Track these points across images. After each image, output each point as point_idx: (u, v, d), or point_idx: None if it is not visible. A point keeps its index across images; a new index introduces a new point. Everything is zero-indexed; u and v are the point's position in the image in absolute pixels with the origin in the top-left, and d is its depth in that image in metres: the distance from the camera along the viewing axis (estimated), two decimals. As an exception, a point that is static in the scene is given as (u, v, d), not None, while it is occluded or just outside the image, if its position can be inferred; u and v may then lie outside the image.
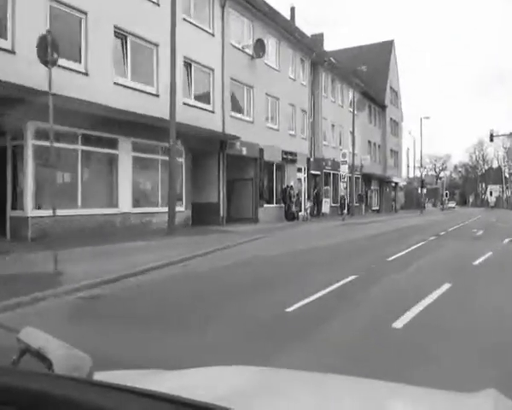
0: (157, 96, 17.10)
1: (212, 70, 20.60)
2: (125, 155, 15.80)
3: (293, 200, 26.47)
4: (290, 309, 5.63)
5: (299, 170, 29.63)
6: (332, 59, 39.99)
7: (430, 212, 60.94)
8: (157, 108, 16.25)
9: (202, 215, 20.32)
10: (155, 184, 17.56)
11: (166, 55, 15.44)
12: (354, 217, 33.48)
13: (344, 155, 27.38)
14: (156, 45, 17.05)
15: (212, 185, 21.14)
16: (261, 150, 24.32)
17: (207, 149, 20.40)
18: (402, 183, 77.38)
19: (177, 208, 18.46)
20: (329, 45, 52.83)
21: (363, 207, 43.05)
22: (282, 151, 26.68)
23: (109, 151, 15.35)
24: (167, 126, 15.00)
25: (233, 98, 22.42)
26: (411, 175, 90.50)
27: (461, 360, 3.88)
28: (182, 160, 18.77)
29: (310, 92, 31.12)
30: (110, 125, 14.51)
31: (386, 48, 52.66)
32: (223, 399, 0.97)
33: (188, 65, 19.18)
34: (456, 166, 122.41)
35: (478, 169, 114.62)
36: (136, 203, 16.40)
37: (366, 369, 3.46)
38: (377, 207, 48.54)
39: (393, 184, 54.87)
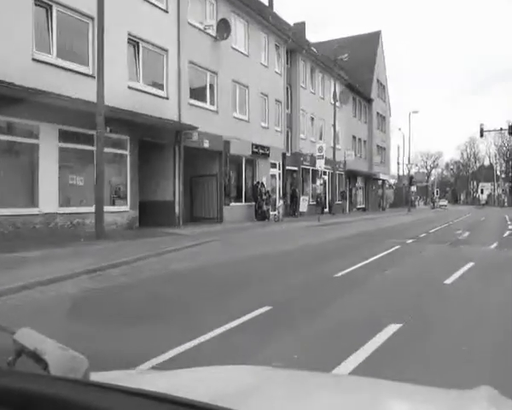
0: (92, 77, 14.73)
1: (166, 51, 18.25)
2: (49, 145, 13.42)
3: (264, 198, 24.19)
4: (142, 366, 3.44)
5: (274, 166, 27.35)
6: (313, 49, 37.79)
7: (420, 210, 58.98)
8: (89, 90, 13.88)
9: (155, 215, 18.01)
10: (91, 181, 15.21)
11: (106, 30, 13.03)
12: (335, 216, 31.30)
13: (320, 149, 25.16)
14: (91, 18, 14.67)
15: (167, 181, 18.80)
16: (226, 143, 22.02)
17: (160, 140, 18.06)
18: (391, 180, 75.48)
19: (121, 208, 16.19)
20: (314, 38, 50.39)
21: (347, 205, 40.89)
22: (253, 144, 24.39)
23: (26, 140, 12.97)
24: (107, 113, 12.69)
25: (193, 84, 20.08)
26: (402, 173, 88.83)
27: None
28: (126, 152, 16.44)
29: (286, 82, 28.81)
30: (26, 108, 12.15)
31: (372, 39, 50.48)
32: (220, 399, 0.94)
33: (134, 43, 16.81)
34: (447, 164, 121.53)
35: (469, 167, 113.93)
36: (65, 202, 14.04)
37: None
38: (363, 206, 46.40)
39: (380, 182, 52.78)
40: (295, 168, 30.31)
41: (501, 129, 45.71)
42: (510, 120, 39.33)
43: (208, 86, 21.22)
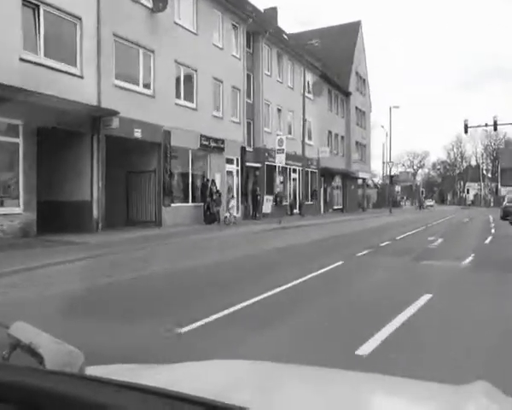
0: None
1: (79, 19, 15.02)
2: None
3: (215, 198, 21.08)
4: None
5: (230, 161, 24.25)
6: (285, 36, 34.75)
7: (404, 211, 56.28)
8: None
9: (65, 219, 14.81)
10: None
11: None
12: (304, 218, 28.30)
13: (280, 142, 22.07)
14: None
15: (83, 178, 15.58)
16: (167, 134, 18.87)
17: (72, 127, 14.85)
18: (375, 179, 72.73)
19: (11, 210, 12.97)
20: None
21: (322, 205, 37.91)
22: (202, 136, 21.24)
23: None
24: None
25: (120, 63, 16.87)
26: (386, 172, 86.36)
27: None
28: (18, 140, 13.21)
29: (246, 68, 25.70)
30: None
31: (352, 29, 47.52)
32: (218, 393, 0.90)
33: (33, 6, 13.60)
34: (434, 164, 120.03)
35: (456, 167, 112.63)
36: None
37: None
38: (340, 206, 43.48)
39: (361, 181, 49.92)
40: (258, 165, 27.22)
41: (486, 125, 43.01)
42: (497, 116, 36.81)
43: (141, 66, 18.02)
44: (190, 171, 21.25)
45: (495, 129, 41.60)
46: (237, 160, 24.81)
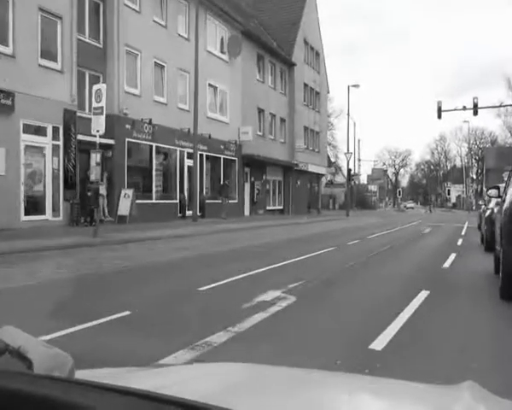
0: None
1: None
2: None
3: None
4: None
5: (37, 131, 14.93)
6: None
7: (372, 214, 47.14)
8: None
9: None
10: None
11: None
12: (194, 223, 19.20)
13: (98, 96, 12.74)
14: None
15: None
16: None
17: None
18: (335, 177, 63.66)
19: None
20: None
21: (248, 205, 28.70)
22: None
23: None
24: None
25: None
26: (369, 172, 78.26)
27: None
28: None
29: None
30: None
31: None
32: (209, 396, 0.91)
33: None
34: (419, 164, 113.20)
35: (440, 167, 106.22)
36: None
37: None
38: (280, 207, 34.32)
39: (311, 176, 40.84)
40: (111, 141, 17.87)
41: (464, 107, 34.35)
42: (477, 98, 28.59)
43: None
44: None
45: (475, 113, 33.21)
46: (54, 129, 15.47)
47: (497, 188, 7.77)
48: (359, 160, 73.74)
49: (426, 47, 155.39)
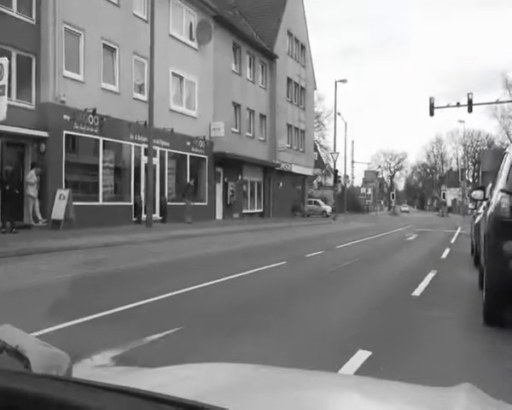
0: None
1: None
2: None
3: None
4: None
5: None
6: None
7: (364, 218, 44.65)
8: None
9: None
10: None
11: None
12: (154, 228, 16.83)
13: None
14: None
15: None
16: None
17: None
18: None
19: None
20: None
21: (221, 208, 26.27)
22: None
23: None
24: None
25: None
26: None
27: None
28: None
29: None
30: None
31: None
32: (206, 396, 0.89)
33: None
34: (415, 167, 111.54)
35: (436, 170, 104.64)
36: None
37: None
38: (260, 210, 31.91)
39: (295, 177, 38.45)
40: (44, 134, 15.44)
41: (458, 104, 32.31)
42: (472, 94, 26.53)
43: None
44: None
45: (469, 110, 31.06)
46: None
47: (483, 189, 5.46)
48: (352, 162, 71.28)
49: (425, 50, 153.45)
